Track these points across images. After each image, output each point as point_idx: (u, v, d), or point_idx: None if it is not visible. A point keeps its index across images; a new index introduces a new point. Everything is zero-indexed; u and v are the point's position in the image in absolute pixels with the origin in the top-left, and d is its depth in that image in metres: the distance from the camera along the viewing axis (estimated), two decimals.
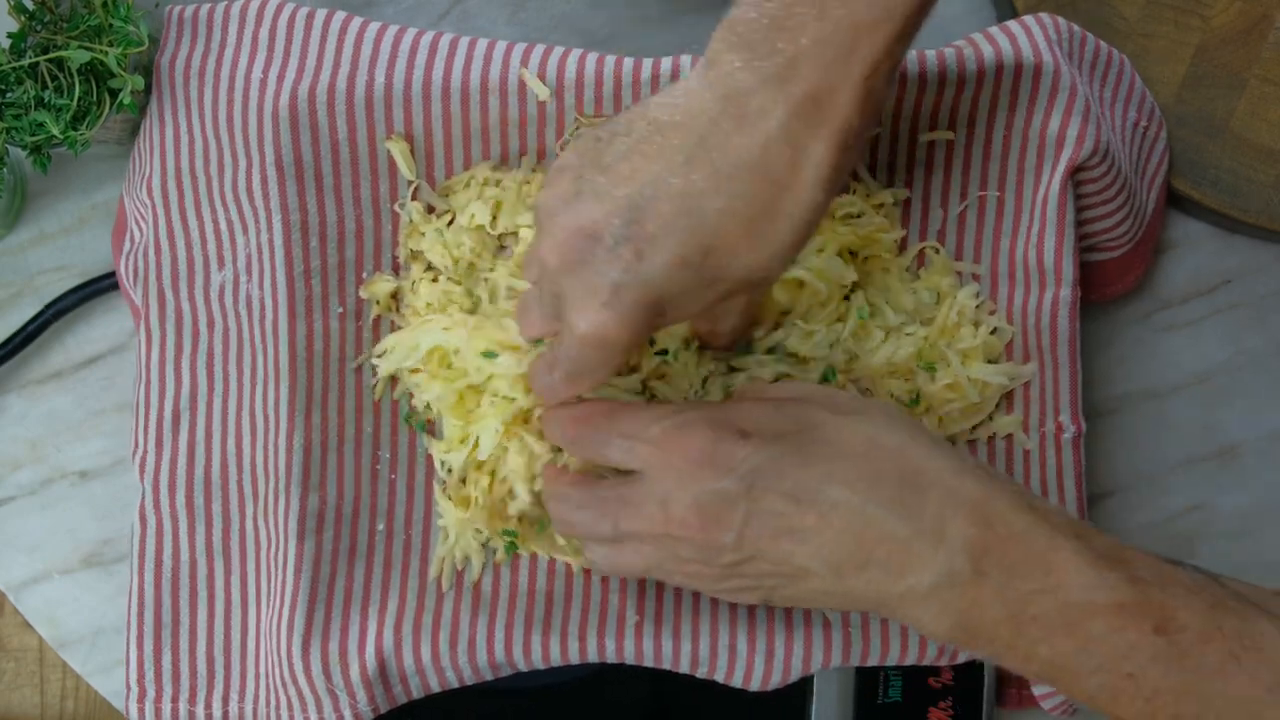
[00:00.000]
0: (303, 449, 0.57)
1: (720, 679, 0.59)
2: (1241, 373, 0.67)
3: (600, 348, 0.47)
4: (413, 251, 0.60)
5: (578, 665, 0.59)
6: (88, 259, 0.65)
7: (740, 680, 0.59)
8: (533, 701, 0.61)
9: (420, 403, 0.59)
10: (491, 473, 0.58)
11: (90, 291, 0.63)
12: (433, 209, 0.60)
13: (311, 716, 0.57)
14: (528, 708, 0.61)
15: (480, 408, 0.57)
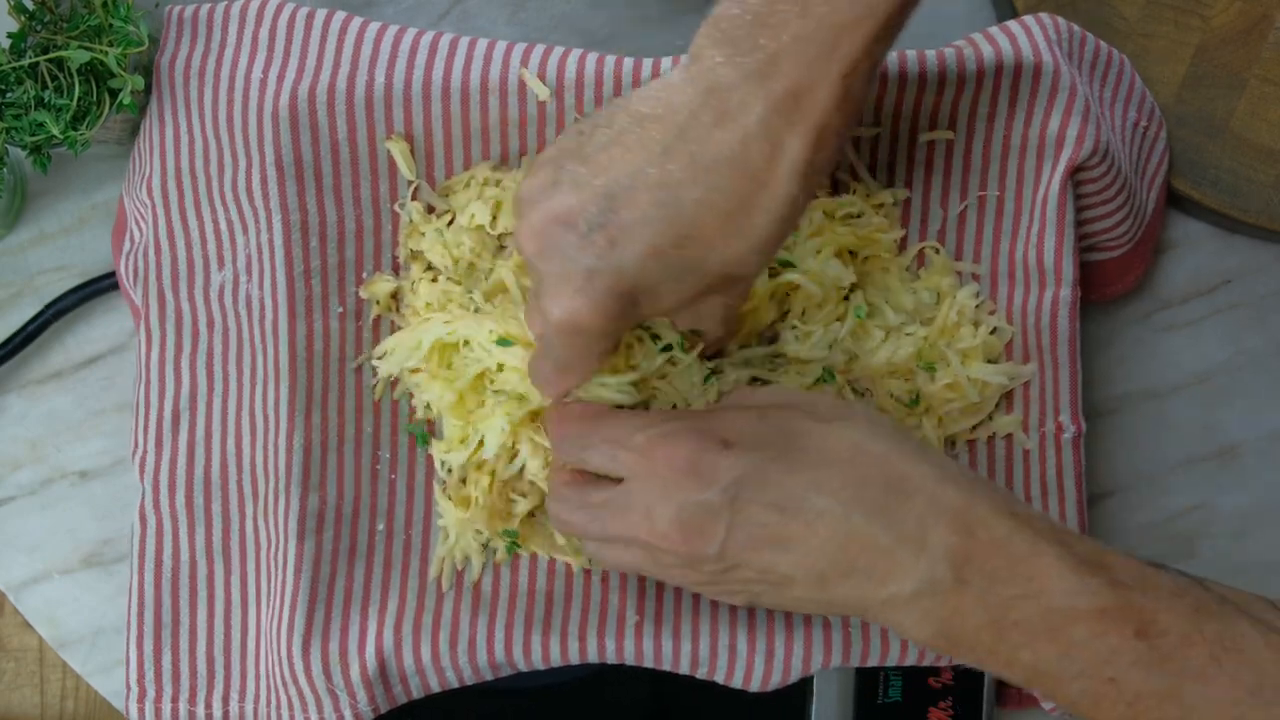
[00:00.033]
0: (303, 449, 0.57)
1: (720, 679, 0.59)
2: (1241, 373, 0.67)
3: (574, 334, 0.47)
4: (413, 251, 0.60)
5: (578, 665, 0.59)
6: (88, 259, 0.65)
7: (740, 680, 0.59)
8: (533, 701, 0.61)
9: (420, 403, 0.59)
10: (492, 473, 0.58)
11: (90, 291, 0.63)
12: (433, 209, 0.60)
13: (311, 716, 0.57)
14: (528, 708, 0.61)
15: (483, 407, 0.57)
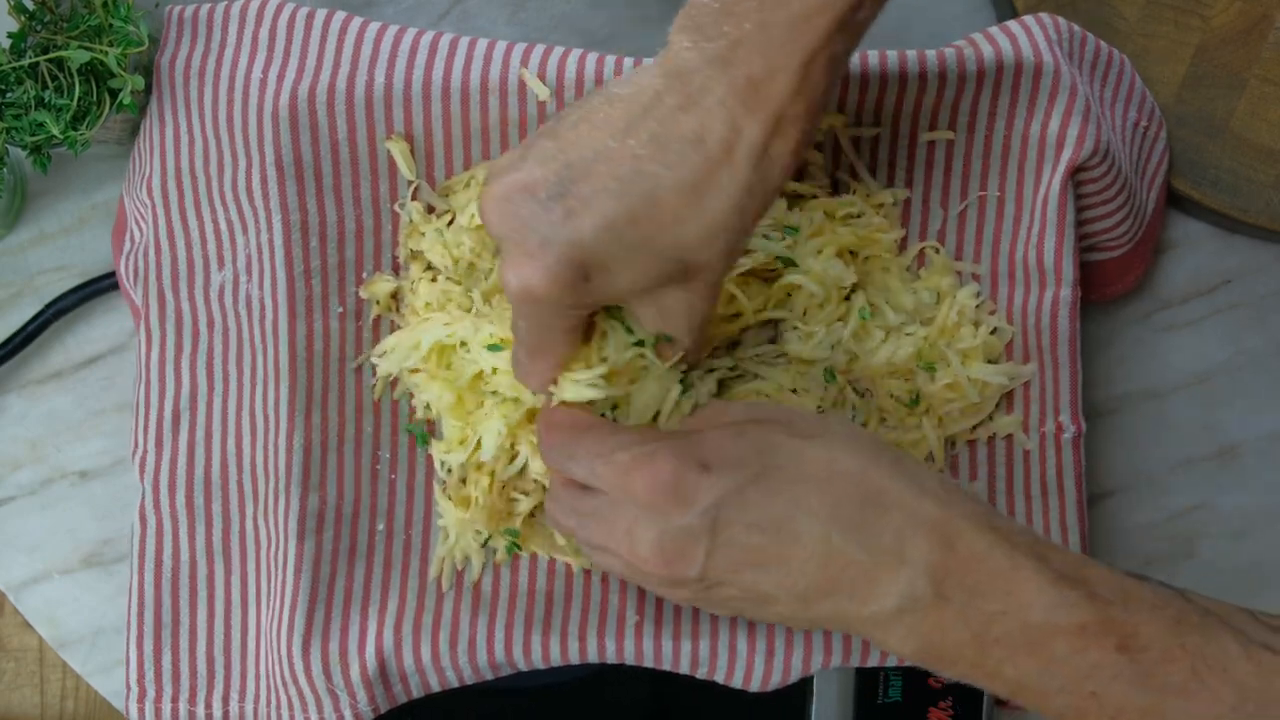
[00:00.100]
0: (303, 449, 0.57)
1: (720, 679, 0.59)
2: (1241, 373, 0.67)
3: (529, 302, 0.47)
4: (413, 251, 0.60)
5: (578, 665, 0.59)
6: (88, 259, 0.65)
7: (740, 680, 0.59)
8: (533, 701, 0.61)
9: (420, 403, 0.59)
10: (491, 473, 0.58)
11: (90, 291, 0.63)
12: (433, 209, 0.60)
13: (312, 716, 0.57)
14: (528, 708, 0.61)
15: (482, 408, 0.57)
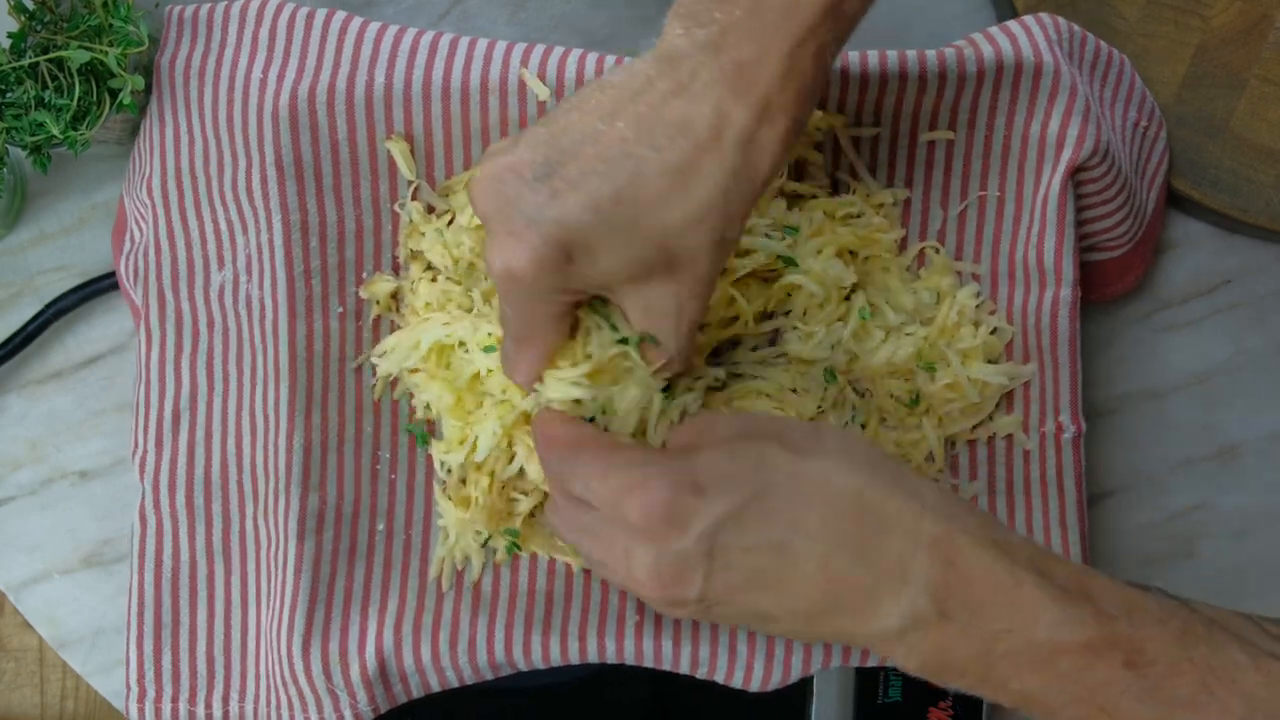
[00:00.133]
0: (303, 449, 0.57)
1: (720, 679, 0.59)
2: (1241, 373, 0.67)
3: (512, 283, 0.47)
4: (413, 251, 0.60)
5: (578, 665, 0.59)
6: (88, 259, 0.65)
7: (740, 681, 0.59)
8: (533, 701, 0.61)
9: (420, 403, 0.59)
10: (491, 473, 0.58)
11: (90, 291, 0.63)
12: (433, 209, 0.60)
13: (312, 716, 0.57)
14: (528, 708, 0.61)
15: (481, 408, 0.57)
